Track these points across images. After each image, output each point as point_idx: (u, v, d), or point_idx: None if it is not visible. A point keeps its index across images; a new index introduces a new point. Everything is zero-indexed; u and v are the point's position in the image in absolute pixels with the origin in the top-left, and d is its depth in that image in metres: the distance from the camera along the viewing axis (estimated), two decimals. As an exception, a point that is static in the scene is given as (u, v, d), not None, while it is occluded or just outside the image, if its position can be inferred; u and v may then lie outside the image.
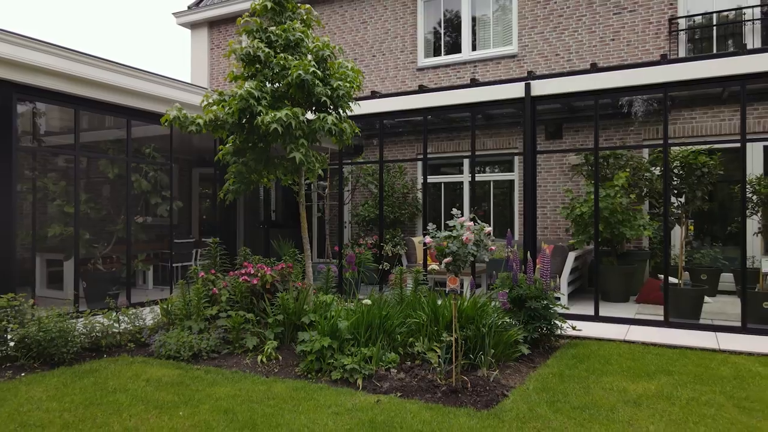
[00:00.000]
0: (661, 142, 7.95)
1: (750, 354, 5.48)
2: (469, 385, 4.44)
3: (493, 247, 4.55)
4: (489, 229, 4.48)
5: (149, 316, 6.56)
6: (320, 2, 13.24)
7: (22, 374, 4.85)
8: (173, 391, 4.32)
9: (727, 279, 9.06)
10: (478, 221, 4.48)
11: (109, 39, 56.12)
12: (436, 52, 12.18)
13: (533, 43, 11.02)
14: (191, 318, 5.87)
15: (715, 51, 9.78)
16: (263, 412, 3.86)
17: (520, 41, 11.15)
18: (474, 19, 11.77)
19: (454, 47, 11.96)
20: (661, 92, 6.85)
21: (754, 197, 8.33)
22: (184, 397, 4.18)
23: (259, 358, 5.21)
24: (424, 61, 12.19)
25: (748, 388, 4.38)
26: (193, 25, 15.29)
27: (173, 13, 15.30)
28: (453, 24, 12.03)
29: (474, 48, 11.79)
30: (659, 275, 8.84)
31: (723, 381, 4.56)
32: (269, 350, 5.26)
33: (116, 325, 5.91)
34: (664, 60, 6.85)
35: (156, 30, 56.17)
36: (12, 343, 5.19)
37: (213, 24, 15.06)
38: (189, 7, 15.22)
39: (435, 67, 12.00)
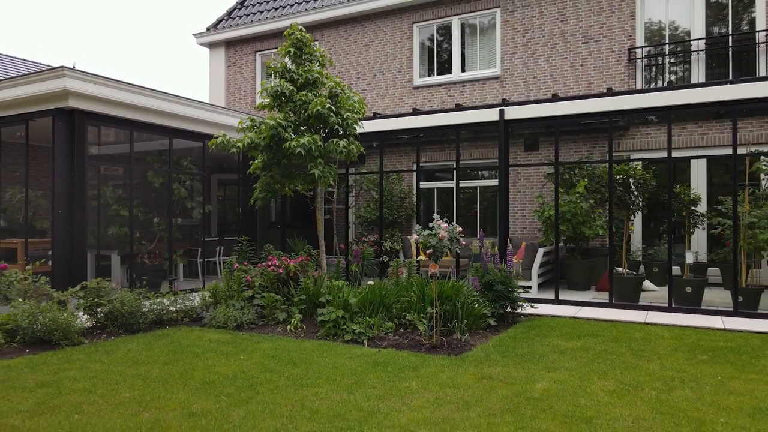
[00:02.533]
0: (626, 155, 9.58)
1: (665, 325, 7.11)
2: (445, 344, 6.08)
3: (463, 242, 6.19)
4: (460, 228, 6.12)
5: (196, 298, 8.19)
6: (327, 27, 14.88)
7: (113, 337, 6.49)
8: (230, 346, 5.96)
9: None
10: (452, 223, 6.12)
11: (133, 58, 58.11)
12: (430, 73, 13.82)
13: (514, 66, 12.66)
14: (233, 298, 7.51)
15: (667, 77, 11.42)
16: (298, 356, 5.51)
17: (502, 65, 12.79)
18: (463, 45, 13.41)
19: (446, 69, 13.60)
20: (607, 119, 8.50)
21: (692, 206, 9.93)
22: (239, 349, 5.82)
23: (288, 327, 6.85)
24: (419, 80, 13.82)
25: (648, 345, 6.02)
26: (212, 45, 16.94)
27: (194, 34, 16.95)
28: (444, 48, 13.66)
29: (463, 69, 13.42)
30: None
31: (632, 341, 6.20)
32: (296, 321, 6.91)
33: (172, 306, 7.55)
34: (609, 92, 8.49)
35: (178, 49, 58.15)
36: (101, 315, 6.83)
37: (229, 44, 16.71)
38: (208, 29, 16.87)
39: (429, 86, 13.64)
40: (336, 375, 4.89)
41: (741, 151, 9.55)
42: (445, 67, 13.63)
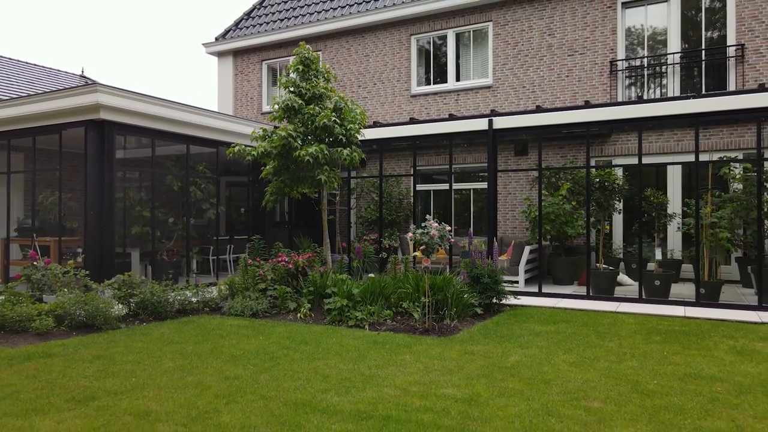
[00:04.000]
0: (609, 160, 10.49)
1: (633, 314, 8.01)
2: (436, 328, 6.98)
3: (452, 240, 7.09)
4: (449, 227, 7.03)
5: (214, 291, 9.09)
6: (330, 38, 15.80)
7: (144, 323, 7.40)
8: (249, 330, 6.87)
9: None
10: (442, 222, 7.03)
11: (145, 65, 59.25)
12: (427, 82, 14.73)
13: (505, 76, 13.56)
14: (249, 290, 8.42)
15: (645, 87, 12.33)
16: (309, 337, 6.41)
17: (494, 75, 13.69)
18: (458, 56, 14.32)
19: (442, 78, 14.50)
20: (584, 129, 9.40)
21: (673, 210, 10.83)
22: (258, 332, 6.73)
23: (299, 315, 7.76)
24: (417, 89, 14.73)
25: (612, 329, 6.91)
26: (220, 54, 17.85)
27: (203, 44, 17.87)
28: (440, 59, 14.57)
29: (458, 79, 14.33)
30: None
31: (599, 326, 7.11)
32: (305, 310, 7.82)
33: (194, 297, 8.46)
34: (587, 105, 9.40)
35: (187, 57, 59.28)
36: (133, 304, 7.74)
37: (237, 53, 17.62)
38: (216, 39, 17.78)
39: (426, 95, 14.55)
40: (342, 351, 5.79)
41: (704, 158, 10.44)
42: (441, 77, 14.53)
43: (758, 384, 4.63)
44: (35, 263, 7.75)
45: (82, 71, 21.83)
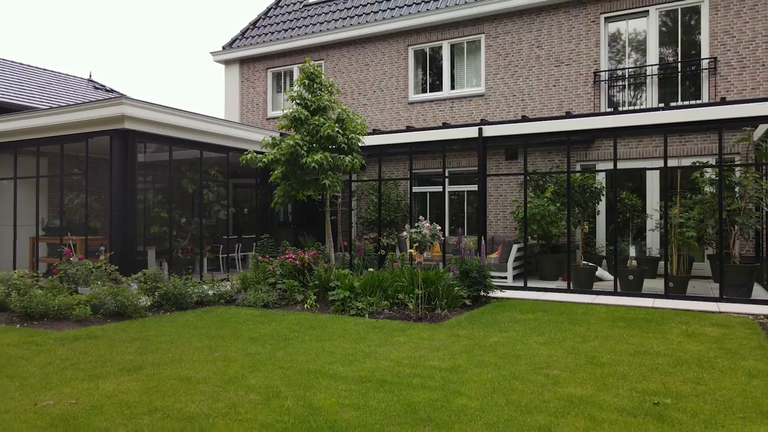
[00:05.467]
0: (594, 163, 11.37)
1: (606, 305, 8.90)
2: (428, 316, 7.87)
3: (442, 238, 7.98)
4: (439, 227, 7.92)
5: (227, 285, 9.97)
6: (332, 47, 16.69)
7: (168, 313, 8.29)
8: (263, 317, 7.76)
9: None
10: (433, 223, 7.92)
11: (153, 72, 60.27)
12: (423, 90, 15.62)
13: (496, 85, 14.46)
14: (260, 284, 9.31)
15: (627, 96, 13.22)
16: (316, 323, 7.31)
17: (486, 84, 14.59)
18: (452, 65, 15.21)
19: (437, 86, 15.40)
20: (565, 137, 10.29)
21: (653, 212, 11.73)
22: (270, 319, 7.62)
23: (305, 305, 8.65)
24: (414, 97, 15.63)
25: (584, 317, 7.80)
26: (227, 62, 18.74)
27: (211, 52, 18.76)
28: (436, 69, 15.46)
29: (452, 87, 15.22)
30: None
31: (573, 314, 8.00)
32: (311, 301, 8.71)
33: (210, 290, 9.35)
34: (568, 115, 10.28)
35: (192, 64, 60.34)
36: (157, 296, 8.63)
37: (243, 61, 18.51)
38: (223, 48, 18.67)
39: (422, 102, 15.44)
40: (345, 334, 6.69)
41: (677, 163, 11.34)
42: (437, 85, 15.43)
43: (695, 359, 5.52)
44: (71, 259, 8.63)
45: (90, 75, 22.72)
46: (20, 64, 20.08)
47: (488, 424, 3.81)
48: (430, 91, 15.52)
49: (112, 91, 22.43)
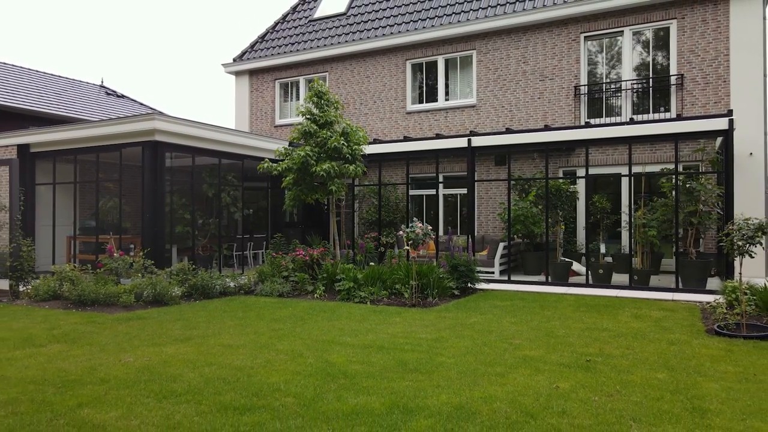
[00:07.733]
0: (575, 169, 12.69)
1: (576, 295, 10.23)
2: (421, 303, 9.21)
3: (434, 237, 9.32)
4: (431, 227, 9.26)
5: (244, 278, 11.31)
6: (335, 61, 18.04)
7: (197, 301, 9.63)
8: (280, 304, 9.11)
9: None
10: (425, 223, 9.26)
11: (165, 83, 61.79)
12: (420, 101, 16.97)
13: (486, 97, 15.80)
14: (275, 276, 10.66)
15: (604, 109, 14.57)
16: (326, 308, 8.65)
17: (478, 95, 15.93)
18: (447, 78, 16.56)
19: (433, 97, 16.75)
20: (544, 148, 11.62)
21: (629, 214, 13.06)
22: (286, 305, 8.97)
23: (315, 295, 10.00)
24: (411, 107, 16.97)
25: (554, 304, 9.13)
26: (237, 74, 20.10)
27: (222, 64, 20.11)
28: (431, 81, 16.81)
29: (447, 98, 16.57)
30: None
31: (546, 302, 9.33)
32: (320, 291, 10.06)
33: (231, 282, 10.70)
34: (546, 128, 11.61)
35: (202, 74, 61.95)
36: (187, 287, 9.97)
37: (253, 73, 19.86)
38: (234, 60, 20.02)
39: (419, 112, 16.79)
40: (350, 316, 8.03)
41: (643, 169, 12.67)
42: (432, 97, 16.77)
43: (633, 333, 6.85)
44: (113, 255, 9.96)
45: (102, 81, 24.05)
46: (36, 71, 21.46)
47: (460, 372, 5.16)
48: (426, 102, 16.86)
49: (123, 96, 23.79)
